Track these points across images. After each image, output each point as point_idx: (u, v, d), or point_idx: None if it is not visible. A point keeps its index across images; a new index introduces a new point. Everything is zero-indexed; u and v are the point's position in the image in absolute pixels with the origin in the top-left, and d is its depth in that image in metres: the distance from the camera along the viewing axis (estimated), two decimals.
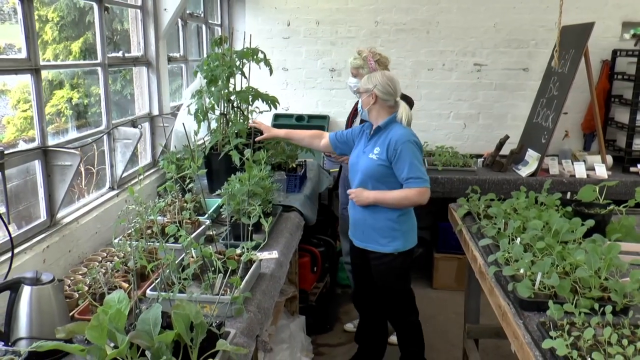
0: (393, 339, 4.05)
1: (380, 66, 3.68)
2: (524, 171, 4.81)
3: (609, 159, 5.05)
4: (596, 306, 2.00)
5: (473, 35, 5.46)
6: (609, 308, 1.94)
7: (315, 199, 4.02)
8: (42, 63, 2.47)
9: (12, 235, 2.17)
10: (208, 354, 1.61)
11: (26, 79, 2.46)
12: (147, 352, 1.59)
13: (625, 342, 1.74)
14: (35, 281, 1.78)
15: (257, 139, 3.52)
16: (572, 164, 4.94)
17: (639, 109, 4.99)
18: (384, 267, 3.31)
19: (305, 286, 4.24)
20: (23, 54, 2.34)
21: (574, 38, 4.84)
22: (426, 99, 5.59)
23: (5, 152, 2.17)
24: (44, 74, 3.44)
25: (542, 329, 1.96)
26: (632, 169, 4.99)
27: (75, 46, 3.87)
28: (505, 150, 5.01)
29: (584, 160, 5.02)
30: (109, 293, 1.93)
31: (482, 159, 5.15)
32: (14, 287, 1.77)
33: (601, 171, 4.83)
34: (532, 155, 4.87)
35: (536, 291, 2.21)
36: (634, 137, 5.05)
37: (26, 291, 1.76)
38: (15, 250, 2.19)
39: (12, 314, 1.76)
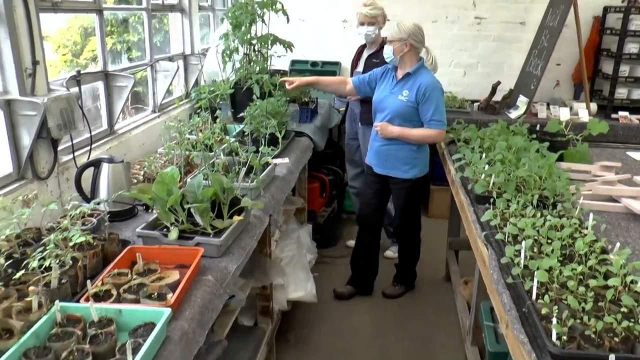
0: (388, 253, 4.73)
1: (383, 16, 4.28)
2: (514, 114, 5.37)
3: (593, 106, 5.57)
4: (530, 199, 2.61)
5: None
6: (536, 197, 2.55)
7: (324, 131, 4.64)
8: (103, 6, 3.08)
9: (85, 137, 2.86)
10: (235, 209, 2.28)
11: (65, 24, 3.08)
12: (192, 210, 2.24)
13: (538, 214, 2.36)
14: (111, 160, 2.45)
15: (291, 86, 3.99)
16: (559, 109, 5.49)
17: (622, 60, 5.50)
18: (404, 190, 3.89)
19: (314, 207, 4.91)
20: None
21: None
22: (430, 48, 6.09)
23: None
24: (88, 20, 4.03)
25: (485, 212, 2.59)
26: (613, 115, 5.52)
27: None
28: (500, 97, 5.58)
29: (570, 107, 5.56)
30: None
31: (478, 104, 5.71)
32: (96, 164, 2.45)
33: (584, 116, 5.36)
34: (522, 100, 5.42)
35: (489, 189, 2.83)
36: (616, 86, 5.57)
37: (105, 167, 2.44)
38: (86, 149, 2.86)
39: (95, 184, 2.44)
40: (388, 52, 3.63)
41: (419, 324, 3.95)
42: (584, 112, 5.42)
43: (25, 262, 1.78)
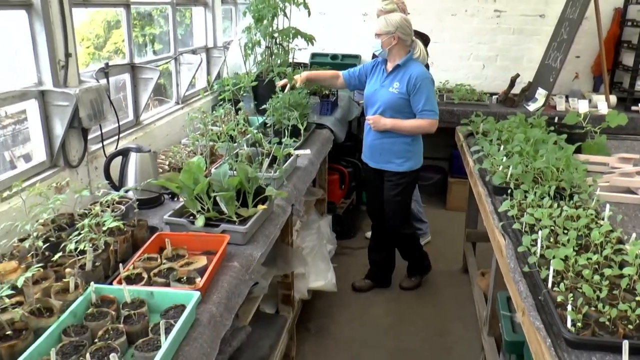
0: None
1: (402, 9, 4.30)
2: (533, 107, 5.38)
3: (613, 98, 5.56)
4: (547, 190, 2.64)
5: None
6: (553, 188, 2.59)
7: (344, 123, 4.70)
8: (130, 0, 3.17)
9: (112, 127, 2.95)
10: (260, 198, 2.35)
11: (86, 18, 3.18)
12: (218, 198, 2.32)
13: (555, 205, 2.40)
14: (139, 150, 2.54)
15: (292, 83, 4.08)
16: (578, 102, 5.48)
17: None
18: (398, 183, 3.91)
19: (334, 199, 4.97)
20: None
21: None
22: (449, 41, 6.14)
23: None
24: (111, 14, 4.12)
25: (502, 203, 2.63)
26: (633, 107, 5.51)
27: None
28: (519, 90, 5.59)
29: (590, 99, 5.55)
30: None
31: (497, 96, 5.73)
32: (125, 153, 2.54)
33: (603, 108, 5.36)
34: (540, 93, 5.42)
35: (507, 180, 2.86)
36: (637, 78, 5.55)
37: (133, 156, 2.52)
38: (113, 139, 2.95)
39: (123, 172, 2.52)
40: (377, 46, 3.69)
41: (437, 315, 4.00)
42: (603, 104, 5.41)
43: (62, 245, 1.87)
